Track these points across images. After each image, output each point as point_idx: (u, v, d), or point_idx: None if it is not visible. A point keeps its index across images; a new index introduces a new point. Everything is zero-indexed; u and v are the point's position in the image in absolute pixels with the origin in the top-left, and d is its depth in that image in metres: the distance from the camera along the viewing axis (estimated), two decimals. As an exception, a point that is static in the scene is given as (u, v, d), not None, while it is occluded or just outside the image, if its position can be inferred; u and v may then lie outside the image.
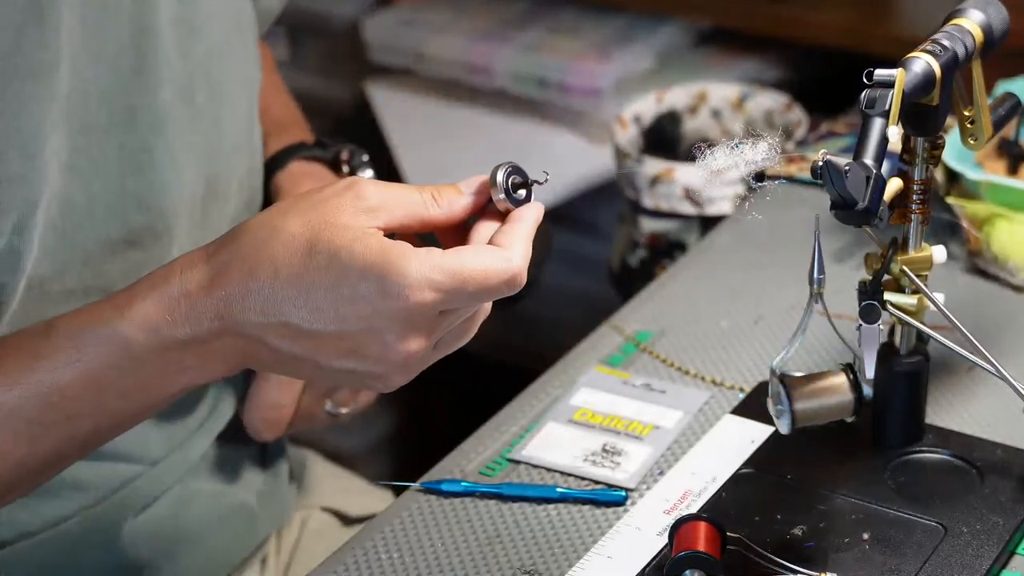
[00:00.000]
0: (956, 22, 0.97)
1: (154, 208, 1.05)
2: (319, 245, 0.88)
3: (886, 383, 1.04)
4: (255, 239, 0.90)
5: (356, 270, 0.87)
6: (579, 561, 1.00)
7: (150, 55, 1.03)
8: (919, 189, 1.00)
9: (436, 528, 1.04)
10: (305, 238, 0.88)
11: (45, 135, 0.96)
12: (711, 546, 0.94)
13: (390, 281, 0.87)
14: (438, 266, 0.87)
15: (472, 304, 0.90)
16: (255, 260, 0.89)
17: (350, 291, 0.88)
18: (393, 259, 0.87)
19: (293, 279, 0.88)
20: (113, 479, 1.10)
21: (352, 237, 0.87)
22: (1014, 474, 1.03)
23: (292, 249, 0.88)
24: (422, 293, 0.87)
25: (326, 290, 0.88)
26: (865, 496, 1.02)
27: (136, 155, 1.03)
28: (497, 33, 2.01)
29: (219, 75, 1.10)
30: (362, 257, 0.87)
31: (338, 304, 0.88)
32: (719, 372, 1.18)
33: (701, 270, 1.33)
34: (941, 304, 1.00)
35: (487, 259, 0.89)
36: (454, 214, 0.92)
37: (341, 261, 0.87)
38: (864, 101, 0.90)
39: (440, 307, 0.88)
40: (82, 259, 1.02)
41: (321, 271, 0.88)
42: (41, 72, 0.95)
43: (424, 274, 0.87)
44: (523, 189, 0.93)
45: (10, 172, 0.95)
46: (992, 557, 0.96)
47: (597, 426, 1.12)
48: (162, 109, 1.04)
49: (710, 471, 1.06)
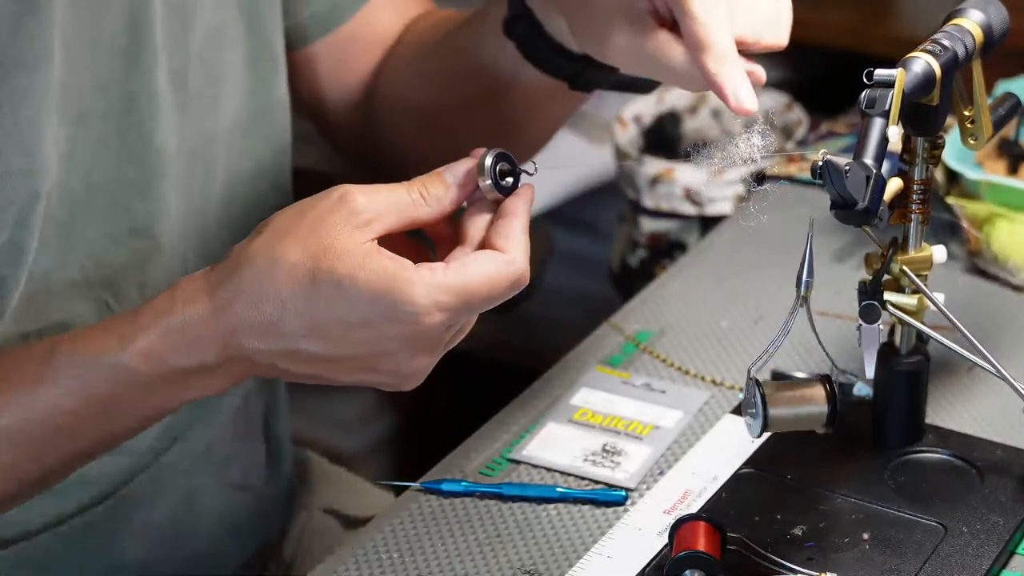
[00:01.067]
0: (956, 22, 0.97)
1: (156, 195, 1.05)
2: (322, 275, 0.88)
3: (886, 383, 1.04)
4: (256, 271, 0.90)
5: (363, 299, 0.88)
6: (579, 561, 1.00)
7: (145, 40, 1.02)
8: (919, 189, 0.99)
9: (436, 528, 1.04)
10: (307, 267, 0.89)
11: (43, 127, 0.96)
12: (711, 546, 0.94)
13: (399, 308, 0.88)
14: (444, 287, 0.88)
15: (480, 312, 0.91)
16: (258, 293, 0.90)
17: (359, 319, 0.88)
18: (400, 284, 0.88)
19: (300, 311, 0.89)
20: (114, 474, 1.10)
21: (355, 263, 0.88)
22: (1014, 474, 1.03)
23: (295, 280, 0.89)
24: (431, 316, 0.88)
25: (335, 319, 0.89)
26: (865, 496, 1.01)
27: (134, 143, 1.03)
28: (497, 33, 2.01)
29: (215, 58, 1.09)
30: (367, 285, 0.88)
31: (347, 332, 0.89)
32: (719, 372, 1.18)
33: (701, 270, 1.33)
34: (941, 304, 1.00)
35: (489, 268, 0.89)
36: (443, 211, 0.92)
37: (347, 290, 0.88)
38: (864, 101, 0.90)
39: (448, 323, 0.89)
40: (84, 250, 1.02)
41: (327, 301, 0.89)
42: (36, 63, 0.95)
43: (432, 298, 0.88)
44: (511, 176, 0.92)
45: (10, 166, 0.95)
46: (992, 557, 0.96)
47: (597, 426, 1.12)
48: (158, 95, 1.04)
49: (710, 471, 1.06)
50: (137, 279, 1.05)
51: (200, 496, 1.18)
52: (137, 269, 1.05)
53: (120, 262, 1.04)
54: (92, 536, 1.10)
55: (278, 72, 1.15)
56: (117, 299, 1.05)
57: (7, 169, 0.95)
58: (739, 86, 0.89)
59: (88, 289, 1.02)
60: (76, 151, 1.00)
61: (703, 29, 0.90)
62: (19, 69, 0.94)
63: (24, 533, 1.07)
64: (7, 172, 0.95)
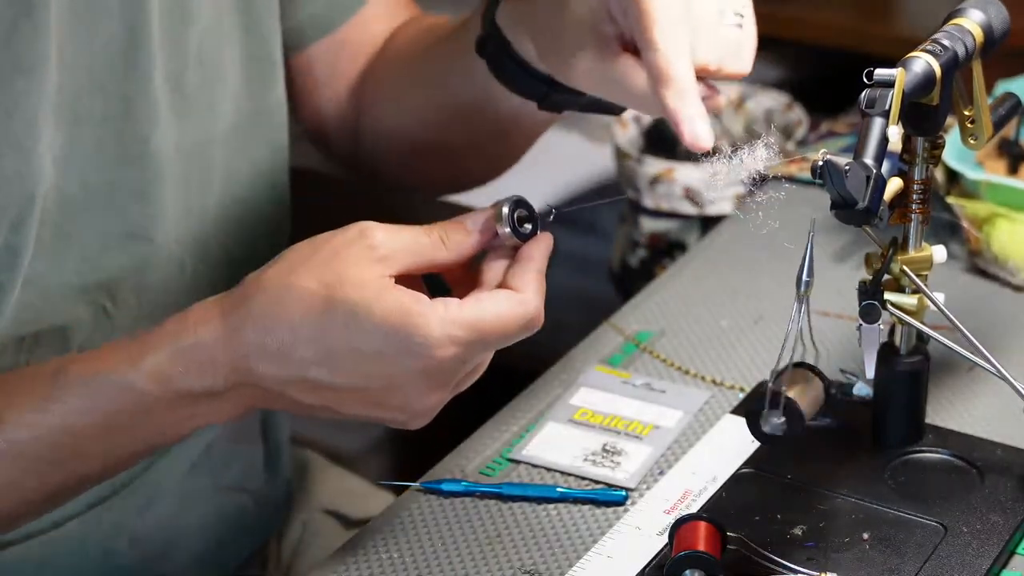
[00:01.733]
0: (956, 22, 0.97)
1: (153, 198, 1.04)
2: (336, 304, 0.89)
3: (886, 383, 1.04)
4: (269, 298, 0.90)
5: (378, 331, 0.88)
6: (579, 561, 1.00)
7: (142, 43, 1.02)
8: (919, 189, 0.99)
9: (436, 528, 1.04)
10: (321, 296, 0.89)
11: (39, 130, 0.96)
12: (711, 546, 0.94)
13: (413, 341, 0.88)
14: (458, 321, 0.89)
15: (492, 350, 0.93)
16: (271, 319, 0.90)
17: (372, 350, 0.89)
18: (415, 318, 0.88)
19: (312, 339, 0.89)
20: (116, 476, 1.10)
21: (371, 295, 0.88)
22: (1014, 474, 1.03)
23: (308, 307, 0.89)
24: (444, 350, 0.89)
25: (347, 349, 0.89)
26: (865, 496, 1.01)
27: (131, 146, 1.03)
28: (497, 33, 2.01)
29: (212, 60, 1.08)
30: (382, 316, 0.88)
31: (359, 363, 0.89)
32: (719, 372, 1.18)
33: (701, 270, 1.33)
34: (941, 304, 1.00)
35: (503, 306, 0.90)
36: (462, 255, 0.93)
37: (361, 320, 0.88)
38: (864, 101, 0.90)
39: (462, 359, 0.90)
40: (80, 253, 1.02)
41: (341, 329, 0.89)
42: (33, 66, 0.94)
43: (446, 332, 0.88)
44: (529, 223, 0.93)
45: (6, 170, 0.95)
46: (992, 557, 0.96)
47: (597, 426, 1.12)
48: (155, 98, 1.03)
49: (710, 471, 1.06)
50: (134, 282, 1.05)
51: (199, 498, 1.18)
52: (134, 272, 1.05)
53: (117, 265, 1.04)
54: (91, 538, 1.10)
55: (275, 73, 1.15)
56: (114, 303, 1.04)
57: (2, 173, 0.94)
58: (696, 123, 0.88)
59: (85, 293, 1.02)
60: (73, 154, 0.99)
61: (664, 62, 0.89)
62: (15, 73, 0.94)
63: (24, 534, 1.07)
64: (2, 176, 0.94)
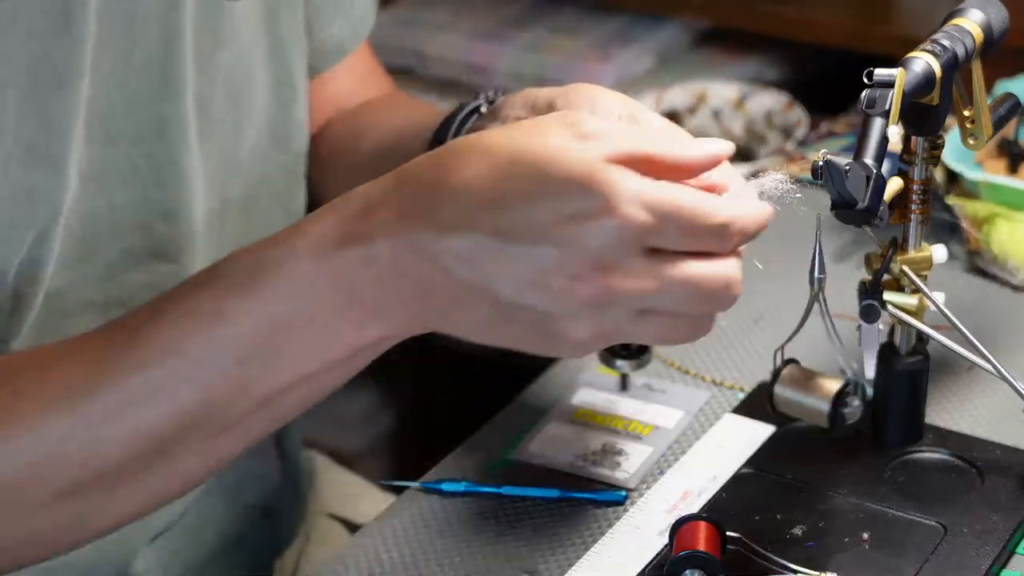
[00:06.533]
0: (956, 22, 0.97)
1: (179, 218, 1.04)
2: (524, 156, 0.81)
3: (886, 383, 1.04)
4: (450, 150, 0.84)
5: (562, 176, 0.80)
6: (579, 561, 1.00)
7: (178, 62, 1.01)
8: (919, 189, 1.00)
9: (436, 528, 1.04)
10: (508, 149, 0.82)
11: (69, 145, 0.94)
12: (711, 546, 0.94)
13: (598, 190, 0.79)
14: (658, 185, 0.81)
15: (682, 245, 0.82)
16: (448, 167, 0.83)
17: (550, 196, 0.80)
18: (605, 173, 0.79)
19: (487, 187, 0.81)
20: None
21: (565, 147, 0.80)
22: (1014, 474, 1.03)
23: (491, 160, 0.82)
24: (632, 207, 0.80)
25: (524, 196, 0.80)
26: (865, 496, 1.02)
27: (163, 166, 1.02)
28: (497, 33, 2.01)
29: (239, 82, 1.08)
30: (569, 164, 0.80)
31: (534, 212, 0.80)
32: (719, 372, 1.18)
33: (701, 270, 1.32)
34: (941, 304, 1.00)
35: (710, 202, 0.82)
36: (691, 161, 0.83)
37: (546, 168, 0.80)
38: (864, 101, 0.90)
39: (648, 234, 0.81)
40: (103, 271, 1.01)
41: (522, 180, 0.81)
42: (68, 82, 0.93)
43: (638, 188, 0.80)
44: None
45: (35, 184, 0.93)
46: (992, 557, 0.96)
47: (597, 426, 1.12)
48: (187, 119, 1.02)
49: (710, 471, 1.06)
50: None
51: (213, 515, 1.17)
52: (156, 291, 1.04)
53: (139, 284, 1.02)
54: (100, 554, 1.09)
55: (297, 98, 1.15)
56: None
57: (32, 186, 0.93)
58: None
59: (106, 309, 1.01)
60: (105, 172, 0.98)
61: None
62: (50, 87, 0.92)
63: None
64: (32, 189, 0.93)
